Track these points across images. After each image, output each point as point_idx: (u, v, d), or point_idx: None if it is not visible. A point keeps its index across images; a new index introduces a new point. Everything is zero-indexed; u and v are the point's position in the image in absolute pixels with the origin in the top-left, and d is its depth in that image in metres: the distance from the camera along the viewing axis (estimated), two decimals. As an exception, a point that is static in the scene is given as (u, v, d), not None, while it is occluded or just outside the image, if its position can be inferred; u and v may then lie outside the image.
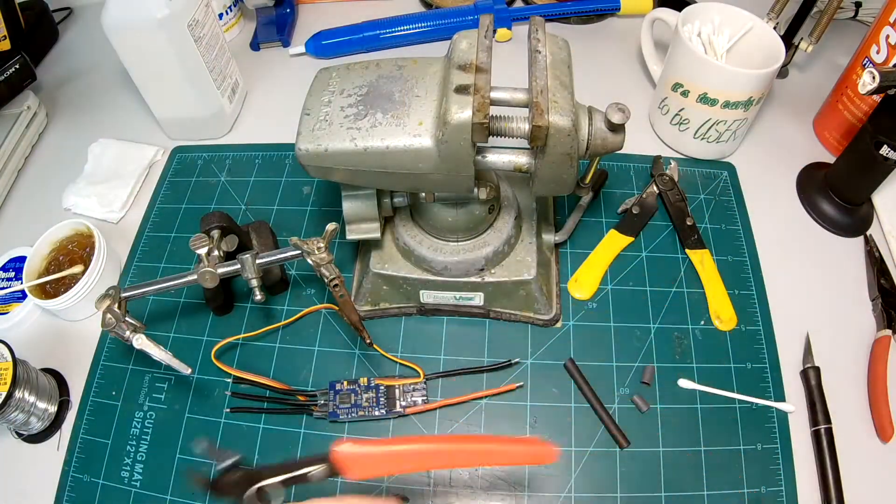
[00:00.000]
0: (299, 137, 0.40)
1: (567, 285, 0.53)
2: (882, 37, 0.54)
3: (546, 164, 0.39)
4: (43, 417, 0.49)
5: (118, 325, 0.42)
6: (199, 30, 0.59)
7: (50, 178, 0.67)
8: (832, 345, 0.50)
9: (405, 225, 0.50)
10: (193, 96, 0.63)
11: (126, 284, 0.57)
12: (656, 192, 0.59)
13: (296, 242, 0.43)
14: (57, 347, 0.55)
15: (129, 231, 0.61)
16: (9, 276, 0.57)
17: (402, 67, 0.42)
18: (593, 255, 0.55)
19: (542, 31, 0.40)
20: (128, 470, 0.48)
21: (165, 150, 0.68)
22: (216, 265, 0.45)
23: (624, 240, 0.56)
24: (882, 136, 0.49)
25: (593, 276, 0.53)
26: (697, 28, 0.60)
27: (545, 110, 0.36)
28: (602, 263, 0.54)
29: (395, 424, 0.48)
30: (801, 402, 0.48)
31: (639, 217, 0.57)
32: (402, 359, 0.50)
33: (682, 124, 0.60)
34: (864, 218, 0.57)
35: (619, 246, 0.55)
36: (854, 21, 0.73)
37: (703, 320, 0.52)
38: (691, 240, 0.55)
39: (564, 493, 0.45)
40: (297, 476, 0.34)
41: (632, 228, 0.56)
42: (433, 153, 0.39)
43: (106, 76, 0.76)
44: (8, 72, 0.65)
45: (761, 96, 0.55)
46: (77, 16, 0.86)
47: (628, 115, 0.38)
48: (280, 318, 0.54)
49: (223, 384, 0.51)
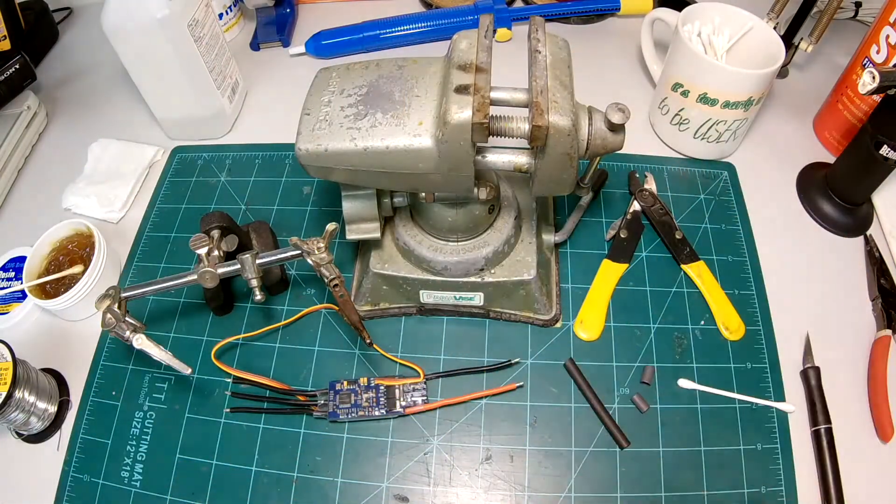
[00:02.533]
0: (299, 137, 0.40)
1: (573, 326, 0.52)
2: (882, 37, 0.54)
3: (546, 164, 0.39)
4: (43, 417, 0.49)
5: (118, 325, 0.42)
6: (199, 30, 0.59)
7: (50, 178, 0.67)
8: (832, 345, 0.50)
9: (405, 225, 0.50)
10: (193, 96, 0.63)
11: (126, 284, 0.57)
12: (640, 210, 0.57)
13: (296, 242, 0.43)
14: (57, 347, 0.55)
15: (129, 231, 0.61)
16: (9, 276, 0.57)
17: (402, 67, 0.42)
18: (592, 292, 0.53)
19: (542, 31, 0.40)
20: (128, 470, 0.48)
21: (165, 150, 0.68)
22: (216, 265, 0.45)
23: (618, 268, 0.54)
24: (882, 136, 0.49)
25: (597, 315, 0.52)
26: (697, 28, 0.60)
27: (545, 110, 0.36)
28: (602, 300, 0.52)
29: (395, 424, 0.48)
30: (801, 402, 0.48)
31: (628, 240, 0.55)
32: (402, 359, 0.50)
33: (682, 124, 0.60)
34: (864, 218, 0.57)
35: (615, 275, 0.54)
36: (854, 21, 0.73)
37: (703, 320, 0.52)
38: (684, 254, 0.54)
39: (564, 493, 0.45)
40: None
41: (624, 254, 0.55)
42: (433, 153, 0.39)
43: (106, 76, 0.76)
44: (8, 72, 0.65)
45: (761, 96, 0.55)
46: (77, 16, 0.86)
47: (628, 114, 0.38)
48: (280, 318, 0.54)
49: (223, 384, 0.51)
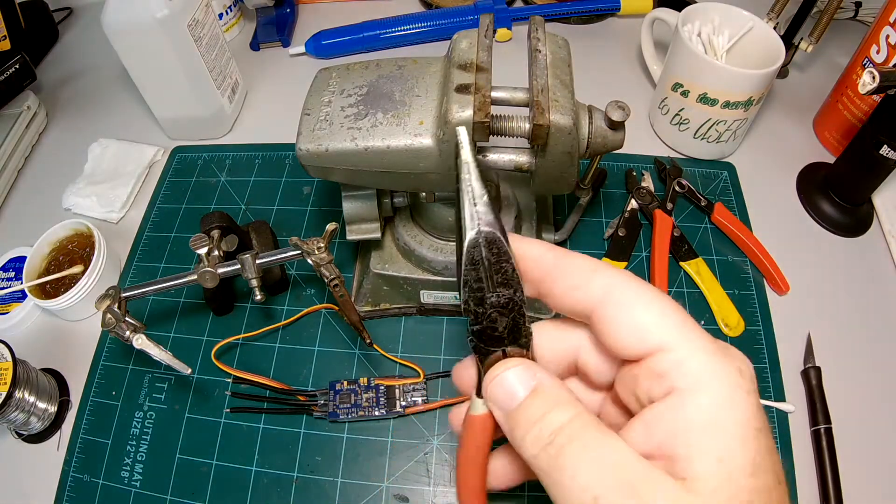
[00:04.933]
0: (300, 137, 0.40)
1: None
2: (882, 37, 0.54)
3: (547, 163, 0.39)
4: (43, 417, 0.49)
5: (118, 325, 0.42)
6: (199, 30, 0.59)
7: (50, 178, 0.67)
8: (833, 345, 0.50)
9: (405, 225, 0.50)
10: (193, 96, 0.63)
11: (126, 284, 0.57)
12: (637, 209, 0.57)
13: (296, 242, 0.43)
14: (57, 347, 0.55)
15: (129, 231, 0.61)
16: (9, 276, 0.57)
17: (403, 67, 0.42)
18: None
19: (541, 31, 0.40)
20: (128, 470, 0.48)
21: (165, 150, 0.68)
22: (216, 265, 0.45)
23: (617, 266, 0.54)
24: (882, 136, 0.49)
25: None
26: (697, 28, 0.60)
27: (546, 109, 0.36)
28: None
29: (395, 424, 0.48)
30: (801, 402, 0.48)
31: (626, 239, 0.55)
32: (402, 359, 0.50)
33: (682, 124, 0.60)
34: (864, 218, 0.57)
35: None
36: (854, 21, 0.73)
37: (703, 320, 0.52)
38: (682, 251, 0.55)
39: (565, 492, 0.45)
40: None
41: (623, 252, 0.55)
42: (434, 152, 0.39)
43: (106, 76, 0.76)
44: (8, 72, 0.65)
45: (761, 96, 0.55)
46: (77, 16, 0.86)
47: (628, 112, 0.38)
48: (280, 318, 0.54)
49: (223, 384, 0.51)
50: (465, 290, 0.25)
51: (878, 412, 0.47)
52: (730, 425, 0.20)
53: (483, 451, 0.26)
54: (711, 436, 0.20)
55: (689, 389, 0.21)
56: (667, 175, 0.59)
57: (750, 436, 0.20)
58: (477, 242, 0.24)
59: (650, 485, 0.20)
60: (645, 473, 0.20)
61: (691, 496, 0.19)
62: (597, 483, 0.20)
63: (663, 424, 0.21)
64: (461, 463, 0.27)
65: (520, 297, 0.25)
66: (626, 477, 0.20)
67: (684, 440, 0.20)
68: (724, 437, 0.20)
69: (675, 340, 0.22)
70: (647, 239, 0.56)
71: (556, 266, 0.25)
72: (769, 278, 0.53)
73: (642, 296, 0.23)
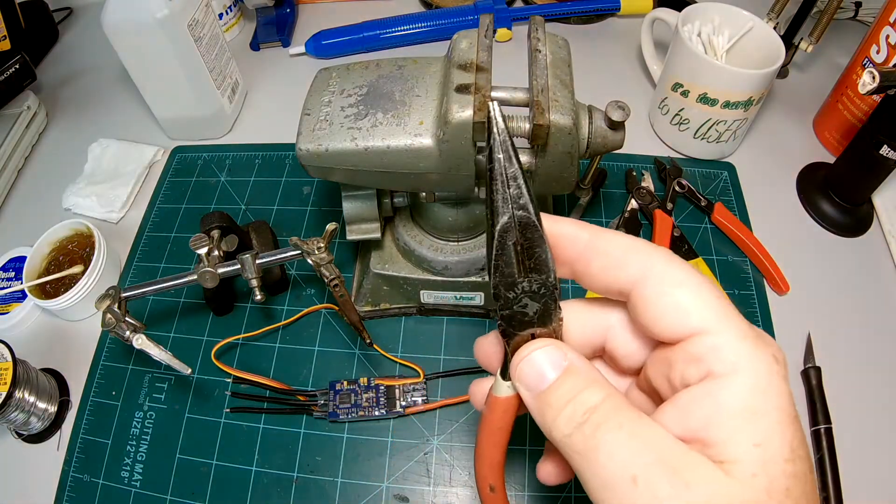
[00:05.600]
0: (299, 137, 0.40)
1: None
2: (882, 37, 0.54)
3: (547, 163, 0.39)
4: (43, 417, 0.49)
5: (118, 325, 0.42)
6: (199, 30, 0.59)
7: (50, 178, 0.67)
8: (833, 345, 0.50)
9: (405, 225, 0.50)
10: (193, 96, 0.63)
11: (126, 284, 0.57)
12: (637, 208, 0.57)
13: (296, 242, 0.43)
14: (57, 347, 0.55)
15: (129, 231, 0.61)
16: (9, 276, 0.57)
17: (403, 67, 0.42)
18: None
19: (541, 31, 0.40)
20: (128, 470, 0.48)
21: (165, 150, 0.68)
22: (216, 265, 0.45)
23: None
24: (882, 136, 0.49)
25: None
26: (697, 28, 0.60)
27: (546, 109, 0.36)
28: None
29: (395, 424, 0.48)
30: (801, 402, 0.48)
31: None
32: (402, 359, 0.50)
33: (682, 124, 0.60)
34: (864, 218, 0.57)
35: None
36: (854, 21, 0.73)
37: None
38: (682, 251, 0.54)
39: (564, 493, 0.45)
40: None
41: None
42: (434, 152, 0.39)
43: (106, 76, 0.76)
44: (8, 72, 0.65)
45: (761, 96, 0.55)
46: (77, 16, 0.86)
47: (628, 112, 0.38)
48: (280, 318, 0.54)
49: (223, 384, 0.51)
50: (495, 275, 0.24)
51: (878, 412, 0.47)
52: (769, 410, 0.20)
53: (505, 432, 0.26)
54: (749, 421, 0.20)
55: (726, 374, 0.21)
56: (667, 175, 0.59)
57: (787, 422, 0.20)
58: (510, 226, 0.23)
59: (690, 466, 0.19)
60: (684, 454, 0.20)
61: (730, 479, 0.19)
62: (636, 462, 0.20)
63: (699, 409, 0.21)
64: (481, 442, 0.26)
65: (552, 282, 0.24)
66: (665, 456, 0.20)
67: (721, 425, 0.20)
68: (763, 422, 0.20)
69: (714, 324, 0.21)
70: (647, 239, 0.56)
71: (591, 245, 0.24)
72: (769, 278, 0.53)
73: (683, 276, 0.22)
